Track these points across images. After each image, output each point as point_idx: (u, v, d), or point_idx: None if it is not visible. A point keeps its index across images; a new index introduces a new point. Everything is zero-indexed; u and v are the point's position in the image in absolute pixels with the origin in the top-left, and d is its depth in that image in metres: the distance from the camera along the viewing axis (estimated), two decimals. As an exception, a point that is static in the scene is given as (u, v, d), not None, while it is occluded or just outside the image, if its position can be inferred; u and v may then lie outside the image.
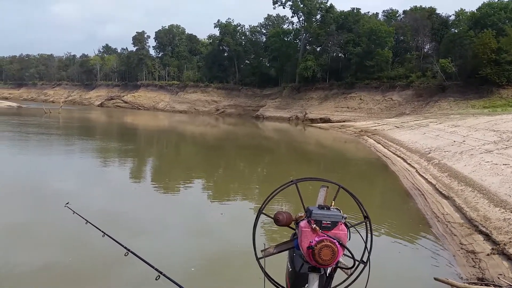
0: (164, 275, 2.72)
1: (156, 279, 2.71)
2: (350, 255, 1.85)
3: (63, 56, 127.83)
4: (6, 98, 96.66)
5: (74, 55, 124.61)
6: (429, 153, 18.14)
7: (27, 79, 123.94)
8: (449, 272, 6.61)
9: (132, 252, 3.12)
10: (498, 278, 5.90)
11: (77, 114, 58.82)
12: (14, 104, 71.11)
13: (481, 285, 5.89)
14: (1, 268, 6.22)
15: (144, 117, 61.64)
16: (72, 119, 49.31)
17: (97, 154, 20.58)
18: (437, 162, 15.70)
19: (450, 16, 62.39)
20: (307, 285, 1.90)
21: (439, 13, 62.10)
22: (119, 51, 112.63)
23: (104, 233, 3.53)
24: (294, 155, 25.64)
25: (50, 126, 35.05)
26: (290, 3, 69.95)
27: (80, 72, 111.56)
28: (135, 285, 5.81)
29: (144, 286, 5.48)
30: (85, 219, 3.89)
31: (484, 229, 7.78)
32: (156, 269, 2.81)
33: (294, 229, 2.01)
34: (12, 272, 6.12)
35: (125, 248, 3.18)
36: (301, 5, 68.72)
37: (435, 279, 5.92)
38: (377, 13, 71.17)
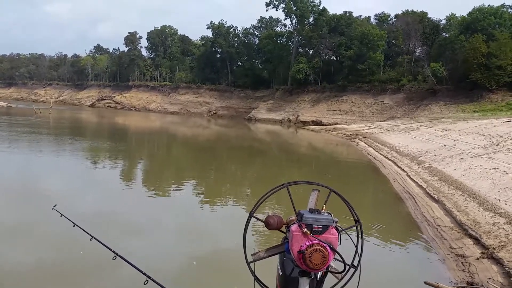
0: (152, 279, 2.68)
1: (144, 284, 2.66)
2: (340, 259, 1.83)
3: (54, 56, 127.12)
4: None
5: (65, 55, 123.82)
6: (420, 156, 18.25)
7: (17, 79, 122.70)
8: (439, 276, 6.63)
9: (120, 256, 3.07)
10: (487, 282, 5.93)
11: (68, 114, 58.32)
12: (4, 104, 70.52)
13: (471, 289, 5.92)
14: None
15: (135, 118, 61.30)
16: (63, 119, 48.91)
17: (87, 155, 20.39)
18: (428, 165, 15.79)
19: (442, 20, 63.17)
20: None
21: (430, 18, 62.80)
22: (110, 51, 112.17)
23: (92, 236, 3.48)
24: (286, 157, 25.64)
25: (40, 126, 34.70)
26: (283, 5, 70.30)
27: (71, 72, 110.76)
28: (123, 289, 5.71)
29: (132, 291, 5.40)
30: (73, 222, 3.82)
31: (473, 233, 7.83)
32: (144, 274, 2.76)
33: (285, 233, 1.99)
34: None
35: (113, 252, 3.13)
36: (294, 8, 69.04)
37: (425, 283, 5.93)
38: (369, 17, 71.71)
